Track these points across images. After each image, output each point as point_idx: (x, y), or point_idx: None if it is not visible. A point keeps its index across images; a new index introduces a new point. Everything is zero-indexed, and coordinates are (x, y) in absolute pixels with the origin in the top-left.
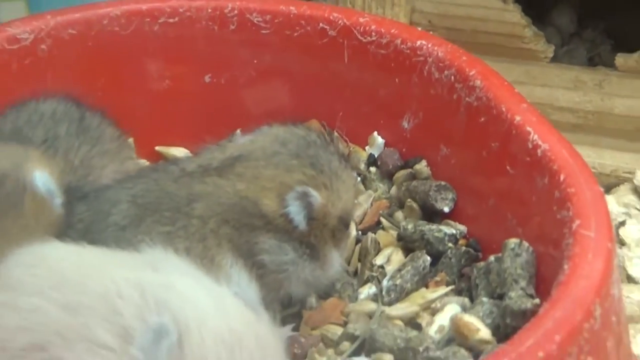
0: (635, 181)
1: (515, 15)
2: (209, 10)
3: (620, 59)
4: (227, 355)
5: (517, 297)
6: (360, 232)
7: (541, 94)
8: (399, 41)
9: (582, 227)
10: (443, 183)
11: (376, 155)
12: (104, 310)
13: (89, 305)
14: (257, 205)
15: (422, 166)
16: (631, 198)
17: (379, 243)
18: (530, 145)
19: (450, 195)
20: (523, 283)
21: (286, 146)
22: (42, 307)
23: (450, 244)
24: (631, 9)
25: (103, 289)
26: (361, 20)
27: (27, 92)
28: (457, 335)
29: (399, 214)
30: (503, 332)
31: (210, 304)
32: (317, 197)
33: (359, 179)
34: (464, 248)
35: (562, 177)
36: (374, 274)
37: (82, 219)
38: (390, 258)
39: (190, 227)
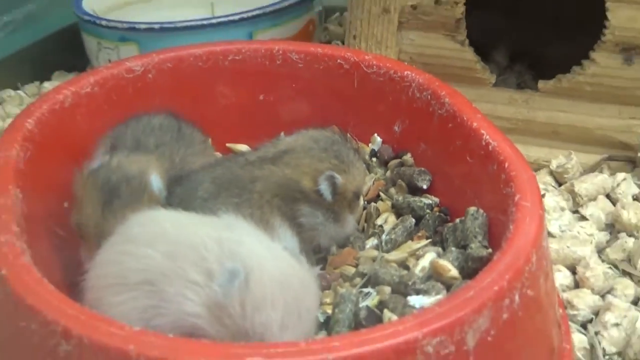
0: (550, 167)
1: (469, 54)
2: (262, 51)
3: (541, 83)
4: (278, 291)
5: (476, 248)
6: (366, 202)
7: (486, 108)
8: (392, 72)
9: (522, 200)
10: (423, 169)
11: (376, 150)
12: (194, 257)
13: (184, 253)
14: (298, 184)
15: (408, 157)
16: (548, 179)
17: (378, 209)
18: (484, 143)
19: (427, 177)
20: (480, 238)
21: (318, 143)
22: (151, 255)
23: (428, 211)
24: (547, 50)
25: (193, 241)
26: (366, 57)
27: (138, 107)
28: (434, 274)
29: (392, 190)
30: (466, 272)
31: (267, 254)
32: (339, 178)
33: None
34: (437, 213)
35: (506, 165)
36: (376, 231)
37: (178, 195)
38: (387, 220)
39: (252, 199)
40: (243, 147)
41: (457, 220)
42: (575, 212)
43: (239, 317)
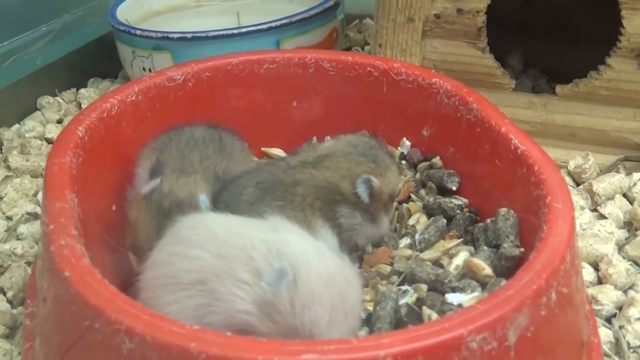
0: (568, 168)
1: (490, 61)
2: (296, 60)
3: (559, 88)
4: (325, 288)
5: (509, 247)
6: (397, 203)
7: (507, 111)
8: (420, 79)
9: (553, 201)
10: (452, 171)
11: (405, 153)
12: (243, 257)
13: (233, 254)
14: (338, 187)
15: (437, 160)
16: (566, 179)
17: (410, 210)
18: (512, 147)
19: (456, 179)
20: (512, 237)
21: (356, 148)
22: (202, 256)
23: (458, 211)
24: (559, 55)
25: (242, 243)
26: (395, 65)
27: (179, 114)
28: (468, 272)
29: (422, 192)
30: (499, 270)
31: (313, 253)
32: (376, 182)
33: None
34: (467, 214)
35: (536, 168)
36: (408, 230)
37: (224, 200)
38: (419, 220)
39: (295, 202)
40: (277, 151)
41: (488, 220)
42: (594, 210)
43: (288, 314)
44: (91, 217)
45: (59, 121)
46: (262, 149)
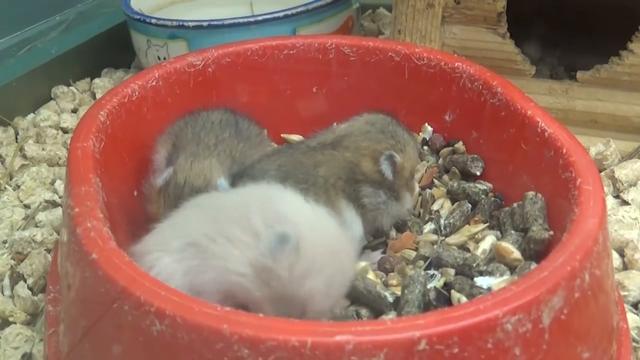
0: (590, 154)
1: (510, 47)
2: (316, 45)
3: (580, 74)
4: (327, 261)
5: (538, 230)
6: (420, 189)
7: None
8: (442, 63)
9: (584, 183)
10: (475, 156)
11: (427, 139)
12: (237, 216)
13: (227, 214)
14: (359, 166)
15: (460, 145)
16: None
17: (433, 195)
18: (539, 130)
19: (480, 164)
20: (540, 221)
21: (374, 125)
22: (195, 219)
23: (483, 196)
24: (575, 43)
25: (236, 201)
26: (416, 50)
27: (199, 100)
28: (497, 256)
29: (445, 177)
30: (528, 254)
31: (315, 219)
32: (398, 157)
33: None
34: (492, 198)
35: (564, 150)
36: (432, 216)
37: (243, 185)
38: (443, 205)
39: (318, 183)
40: (297, 137)
41: (515, 204)
42: (617, 197)
43: (286, 281)
44: (114, 201)
45: (74, 110)
46: (282, 135)
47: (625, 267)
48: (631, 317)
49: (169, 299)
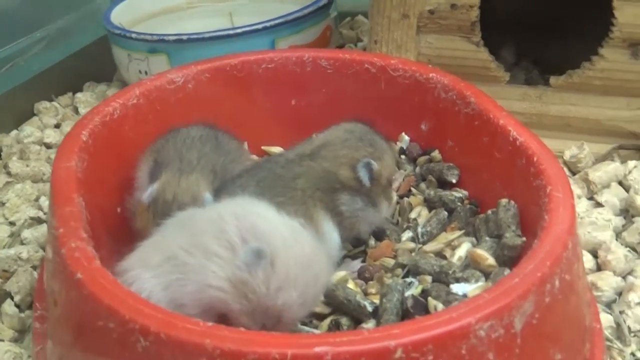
0: (564, 157)
1: (484, 55)
2: (294, 59)
3: (553, 79)
4: (300, 272)
5: (511, 237)
6: (398, 197)
7: (502, 104)
8: (417, 74)
9: (554, 191)
10: (451, 164)
11: (404, 148)
12: (213, 230)
13: (202, 228)
14: (336, 175)
15: (436, 154)
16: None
17: (411, 204)
18: (511, 139)
19: (456, 172)
20: (513, 227)
21: (353, 133)
22: (171, 234)
23: (459, 204)
24: (550, 48)
25: (211, 216)
26: (392, 61)
27: (180, 116)
28: (472, 262)
29: (422, 185)
30: (502, 259)
31: (289, 233)
32: (375, 165)
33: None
34: (468, 206)
35: (535, 159)
36: (410, 224)
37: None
38: (420, 213)
39: (296, 196)
40: (277, 149)
41: (489, 211)
42: (591, 199)
43: (262, 295)
44: (97, 219)
45: (57, 126)
46: (263, 147)
47: (599, 268)
48: (605, 317)
49: (153, 316)
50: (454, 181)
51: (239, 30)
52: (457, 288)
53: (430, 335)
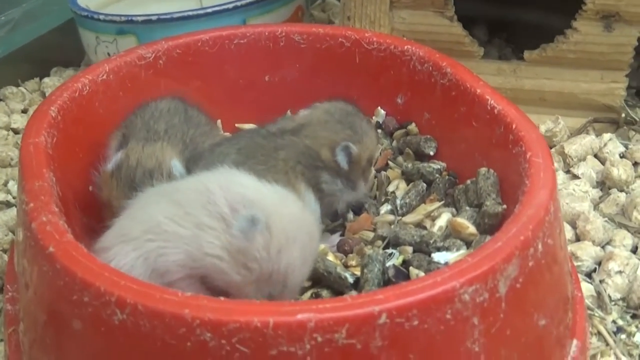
0: (540, 132)
1: (458, 29)
2: (266, 34)
3: (527, 53)
4: (297, 231)
5: (491, 205)
6: (376, 172)
7: None
8: (392, 47)
9: (534, 156)
10: (428, 136)
11: (380, 122)
12: (201, 201)
13: (189, 198)
14: (318, 154)
15: (413, 127)
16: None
17: (388, 177)
18: (489, 107)
19: (433, 144)
20: (494, 195)
21: (333, 116)
22: (154, 205)
23: (437, 175)
24: (521, 26)
25: (198, 186)
26: (366, 35)
27: (151, 92)
28: (453, 232)
29: (400, 159)
30: (482, 228)
31: (277, 196)
32: (354, 148)
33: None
34: (446, 177)
35: (514, 126)
36: (388, 197)
37: (202, 168)
38: (398, 186)
39: (277, 165)
40: (251, 126)
41: (468, 181)
42: (567, 172)
43: (264, 260)
44: (69, 197)
45: (24, 111)
46: (236, 125)
47: (578, 238)
48: (585, 286)
49: (129, 288)
50: (431, 153)
51: (209, 10)
52: (439, 257)
53: (415, 300)
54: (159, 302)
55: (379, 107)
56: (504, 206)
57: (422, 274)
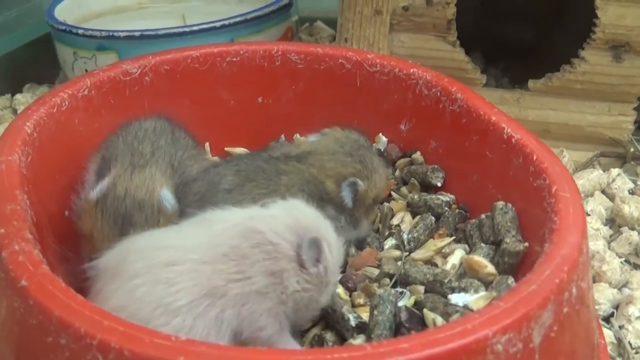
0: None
1: (460, 55)
2: (261, 52)
3: (532, 83)
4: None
5: (512, 242)
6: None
7: None
8: (397, 70)
9: (560, 190)
10: (435, 166)
11: (382, 150)
12: (260, 244)
13: (238, 249)
14: (323, 185)
15: (418, 155)
16: None
17: (392, 209)
18: (505, 136)
19: (441, 175)
20: (514, 232)
21: (344, 147)
22: (192, 269)
23: (446, 208)
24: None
25: (245, 234)
26: (369, 56)
27: (135, 110)
28: (469, 271)
29: (404, 189)
30: (501, 268)
31: (318, 223)
32: (361, 185)
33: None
34: (457, 210)
35: (535, 157)
36: (393, 230)
37: (198, 192)
38: (403, 219)
39: (279, 190)
40: (242, 151)
41: (482, 215)
42: None
43: (323, 282)
44: (43, 222)
45: None
46: (226, 149)
47: (593, 280)
48: (604, 332)
49: (114, 329)
50: (439, 184)
51: (195, 28)
52: (457, 298)
53: (444, 350)
54: (149, 348)
55: (381, 134)
56: (526, 244)
57: (439, 318)
